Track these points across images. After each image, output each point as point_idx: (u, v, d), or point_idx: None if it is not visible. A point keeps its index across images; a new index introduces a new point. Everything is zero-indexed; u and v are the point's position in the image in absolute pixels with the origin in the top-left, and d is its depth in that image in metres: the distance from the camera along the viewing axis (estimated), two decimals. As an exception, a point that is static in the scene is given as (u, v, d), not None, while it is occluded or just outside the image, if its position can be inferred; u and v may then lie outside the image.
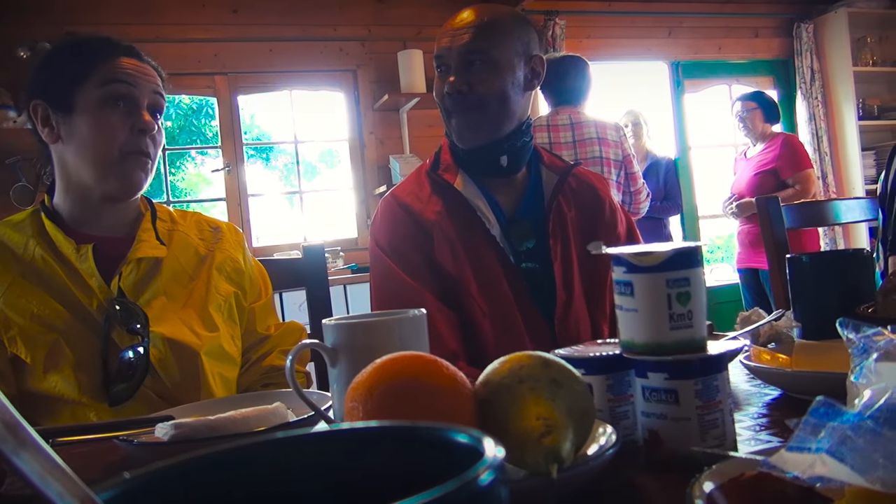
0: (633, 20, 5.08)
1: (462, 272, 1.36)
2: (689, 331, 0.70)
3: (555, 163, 1.53)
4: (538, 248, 1.42)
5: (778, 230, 1.90)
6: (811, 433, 0.42)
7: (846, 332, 0.58)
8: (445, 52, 1.39)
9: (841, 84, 5.30)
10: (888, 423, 0.40)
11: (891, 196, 1.67)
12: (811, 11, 5.43)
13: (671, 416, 0.69)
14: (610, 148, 3.13)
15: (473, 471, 0.21)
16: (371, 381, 0.60)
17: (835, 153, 5.37)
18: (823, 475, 0.41)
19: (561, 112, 3.12)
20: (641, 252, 0.71)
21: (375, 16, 4.51)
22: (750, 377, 1.02)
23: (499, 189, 1.46)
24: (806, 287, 1.20)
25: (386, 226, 1.44)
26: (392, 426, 0.29)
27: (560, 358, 0.67)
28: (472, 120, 1.39)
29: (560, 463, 0.57)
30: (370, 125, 4.49)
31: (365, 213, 4.45)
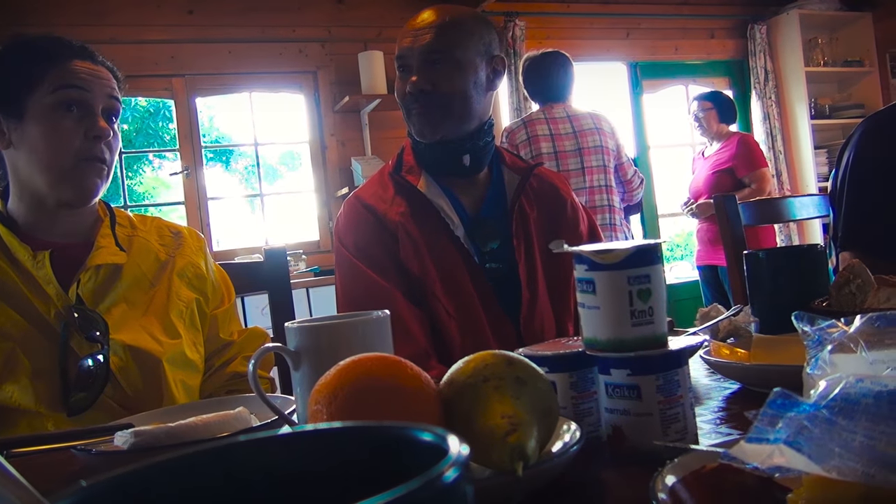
0: (591, 21, 5.14)
1: (427, 273, 1.36)
2: (650, 327, 0.71)
3: (516, 163, 1.54)
4: (502, 248, 1.43)
5: (735, 227, 1.93)
6: (769, 424, 0.42)
7: (802, 326, 0.59)
8: (407, 51, 1.39)
9: (793, 84, 5.43)
10: (843, 413, 0.41)
11: (840, 193, 1.71)
12: (764, 13, 5.55)
13: (634, 412, 0.70)
14: (607, 138, 3.16)
15: (438, 468, 0.21)
16: (335, 383, 0.59)
17: (789, 151, 5.50)
18: (782, 465, 0.42)
19: (555, 106, 3.14)
20: (602, 250, 0.72)
21: (335, 17, 4.49)
22: (710, 372, 1.04)
23: (462, 190, 1.46)
24: (763, 282, 1.22)
25: (351, 227, 1.44)
26: (355, 426, 0.29)
27: (524, 356, 0.68)
28: (433, 116, 1.39)
29: (525, 460, 0.57)
30: (331, 127, 4.47)
31: (327, 216, 4.42)
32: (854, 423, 0.40)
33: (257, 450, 0.29)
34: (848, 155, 1.71)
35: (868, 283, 1.08)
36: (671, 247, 7.27)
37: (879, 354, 0.55)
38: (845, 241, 1.67)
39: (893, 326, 0.56)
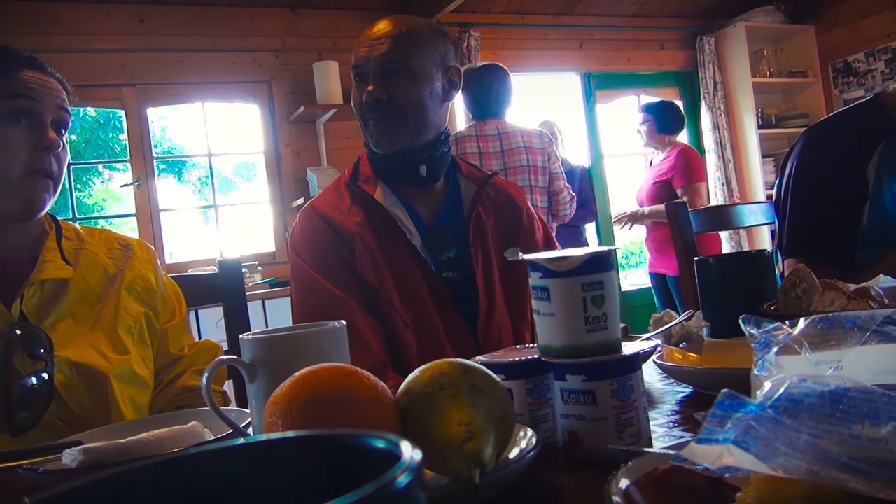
0: (545, 32, 5.20)
1: (384, 283, 1.36)
2: (604, 333, 0.72)
3: (472, 173, 1.55)
4: (459, 257, 1.44)
5: (687, 234, 1.97)
6: (718, 425, 0.43)
7: (748, 329, 0.61)
8: (363, 61, 1.39)
9: (741, 94, 5.57)
10: (787, 412, 0.42)
11: (784, 201, 1.76)
12: (712, 25, 5.70)
13: (589, 417, 0.71)
14: (537, 155, 3.19)
15: (390, 473, 0.21)
16: (290, 395, 0.59)
17: (737, 160, 5.64)
18: (731, 465, 0.43)
19: (488, 122, 3.16)
20: (557, 257, 0.73)
21: (289, 27, 4.46)
22: (663, 376, 1.06)
23: (418, 199, 1.46)
24: (713, 288, 1.25)
25: (307, 237, 1.42)
26: (308, 435, 0.29)
27: (480, 364, 0.68)
28: (389, 126, 1.39)
29: (482, 468, 0.58)
30: (286, 137, 4.43)
31: (283, 227, 4.38)
32: (798, 421, 0.41)
33: (208, 462, 0.29)
34: (791, 164, 1.76)
35: (813, 288, 1.11)
36: (626, 254, 7.37)
37: (823, 355, 0.57)
38: (790, 248, 1.71)
39: (836, 328, 0.58)
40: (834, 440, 0.40)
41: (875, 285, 1.11)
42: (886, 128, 1.67)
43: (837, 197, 1.64)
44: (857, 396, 0.41)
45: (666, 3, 5.49)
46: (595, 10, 5.33)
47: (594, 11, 5.34)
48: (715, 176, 5.58)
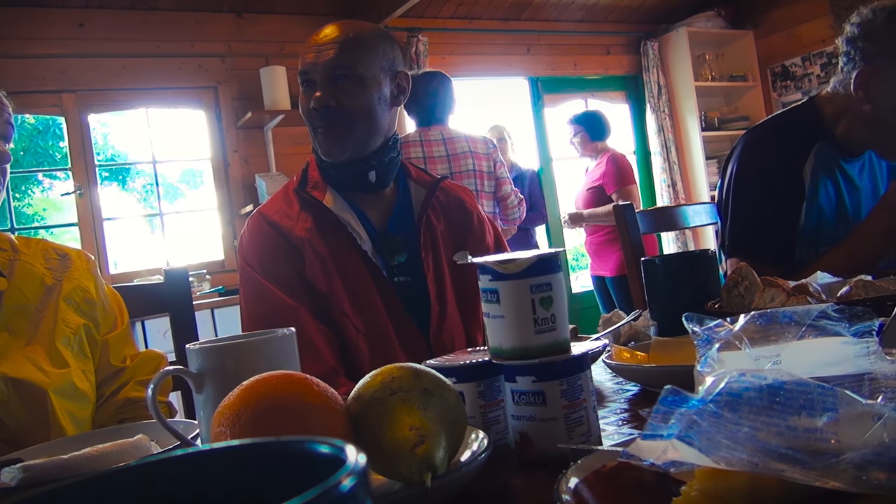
0: (493, 37, 5.25)
1: (334, 289, 1.35)
2: (553, 334, 0.73)
3: (422, 177, 1.55)
4: (410, 262, 1.43)
5: (634, 235, 2.00)
6: (662, 421, 0.44)
7: (691, 326, 0.62)
8: (311, 67, 1.38)
9: (685, 98, 5.70)
10: (728, 406, 0.43)
11: (725, 203, 1.80)
12: (656, 30, 5.82)
13: (539, 417, 0.71)
14: (482, 160, 3.21)
15: (334, 478, 0.21)
16: (239, 404, 0.58)
17: (682, 162, 5.76)
18: (675, 459, 0.44)
19: (432, 128, 3.17)
20: (505, 260, 0.74)
21: (235, 32, 4.41)
22: (613, 375, 1.07)
23: (368, 205, 1.46)
24: (659, 288, 1.27)
25: (255, 244, 1.41)
26: (252, 443, 0.29)
27: (431, 368, 0.68)
28: (338, 134, 1.38)
29: (434, 471, 0.58)
30: (234, 143, 4.37)
31: (231, 234, 4.31)
32: (738, 415, 0.42)
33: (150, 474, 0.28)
34: (732, 166, 1.81)
35: (755, 285, 1.14)
36: (575, 256, 7.46)
37: (762, 350, 0.59)
38: (732, 248, 1.76)
39: (774, 323, 0.60)
40: (772, 432, 0.42)
41: (813, 282, 1.15)
42: (821, 129, 1.73)
43: (776, 197, 1.69)
44: (793, 389, 0.43)
45: (611, 8, 5.59)
46: (542, 15, 5.40)
47: (541, 17, 5.41)
48: (661, 178, 5.70)
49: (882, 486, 0.39)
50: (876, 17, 1.60)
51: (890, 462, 0.40)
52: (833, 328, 0.59)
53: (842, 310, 0.58)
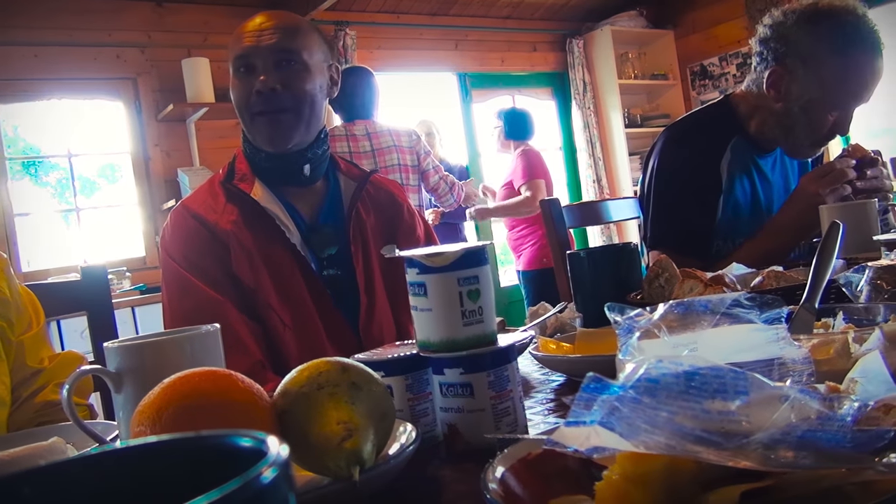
0: (421, 32, 5.24)
1: (261, 283, 1.33)
2: (480, 326, 0.74)
3: (351, 170, 1.54)
4: (340, 255, 1.42)
5: (560, 229, 2.04)
6: (585, 408, 0.45)
7: (613, 316, 0.64)
8: (252, 51, 1.33)
9: (608, 95, 5.84)
10: (647, 392, 0.44)
11: (647, 197, 1.86)
12: (581, 28, 5.93)
13: (467, 409, 0.72)
14: (406, 154, 3.21)
15: (255, 469, 0.21)
16: (160, 402, 0.57)
17: (606, 158, 5.90)
18: (598, 445, 0.45)
19: (357, 123, 3.16)
20: (432, 253, 0.74)
21: (155, 21, 4.27)
22: (539, 366, 1.09)
23: (298, 197, 1.44)
24: (584, 280, 1.30)
25: (179, 238, 1.37)
26: (170, 439, 0.28)
27: (359, 362, 0.68)
28: (284, 122, 1.34)
29: (361, 465, 0.58)
30: (155, 137, 4.24)
31: (153, 230, 4.18)
32: (656, 400, 0.44)
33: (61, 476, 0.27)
34: (653, 161, 1.86)
35: (674, 277, 1.18)
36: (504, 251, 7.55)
37: (680, 338, 0.61)
38: (653, 240, 1.82)
39: (690, 312, 0.62)
40: (688, 415, 0.43)
41: (728, 273, 1.19)
42: (736, 126, 1.80)
43: (695, 191, 1.75)
44: (707, 374, 0.44)
45: (537, 6, 5.66)
46: (469, 11, 5.43)
47: (468, 13, 5.44)
48: (586, 173, 5.82)
49: (789, 464, 0.41)
50: (787, 19, 1.67)
51: (796, 441, 0.42)
52: (745, 316, 0.61)
53: (753, 298, 0.61)
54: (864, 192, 1.59)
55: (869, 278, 0.89)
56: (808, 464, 0.41)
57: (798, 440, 0.42)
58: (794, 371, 0.56)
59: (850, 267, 0.97)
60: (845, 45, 1.59)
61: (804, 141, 1.73)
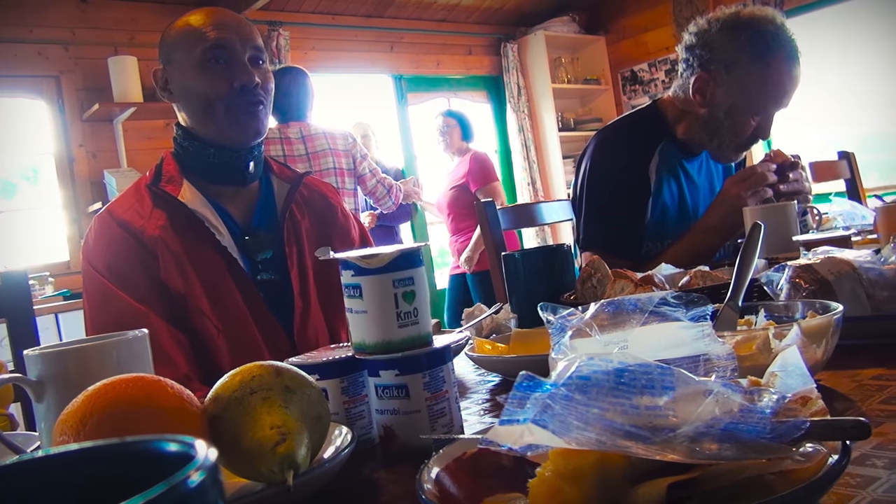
0: (356, 34, 5.22)
1: (191, 289, 1.29)
2: (415, 327, 0.74)
3: (284, 172, 1.52)
4: (275, 258, 1.40)
5: (496, 232, 2.06)
6: (518, 406, 0.46)
7: (546, 315, 0.65)
8: (230, 42, 1.32)
9: (542, 99, 5.92)
10: (578, 389, 0.45)
11: (579, 199, 1.90)
12: (515, 33, 6.00)
13: (403, 410, 0.72)
14: (341, 157, 3.19)
15: (182, 473, 0.20)
16: (83, 410, 0.55)
17: (541, 161, 5.98)
18: (531, 443, 0.46)
19: (292, 126, 3.12)
20: (367, 255, 0.74)
21: (80, 18, 4.12)
22: (475, 367, 1.10)
23: (230, 200, 1.41)
24: (519, 281, 1.32)
25: (102, 246, 1.32)
26: (92, 446, 0.27)
27: (293, 365, 0.67)
28: (260, 116, 1.36)
29: (296, 469, 0.57)
30: (79, 137, 4.09)
31: (77, 234, 4.04)
32: (587, 397, 0.45)
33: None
34: (584, 165, 1.90)
35: (606, 277, 1.21)
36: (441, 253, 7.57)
37: (610, 336, 0.62)
38: (585, 242, 1.85)
39: (621, 311, 0.64)
40: (618, 411, 0.44)
41: (658, 273, 1.23)
42: (664, 130, 1.85)
43: (625, 194, 1.80)
44: (636, 370, 0.45)
45: (472, 9, 5.70)
46: (404, 13, 5.43)
47: (403, 15, 5.44)
48: (521, 176, 5.89)
49: (713, 456, 0.43)
50: (711, 27, 1.73)
51: (720, 433, 0.43)
52: (673, 314, 0.63)
53: (679, 297, 0.63)
54: (787, 195, 1.65)
55: (788, 277, 0.93)
56: (731, 455, 0.43)
57: (721, 432, 0.43)
58: (718, 367, 0.58)
59: (771, 266, 1.01)
60: (765, 52, 1.66)
61: (729, 144, 1.79)
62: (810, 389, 0.49)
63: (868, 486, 0.48)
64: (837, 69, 4.86)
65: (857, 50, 4.86)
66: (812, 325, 0.69)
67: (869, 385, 0.70)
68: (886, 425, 0.58)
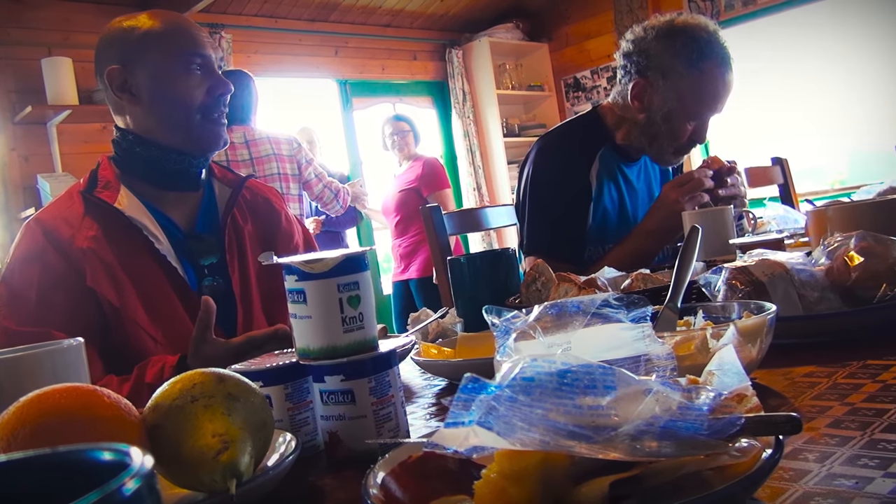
0: (300, 38, 5.17)
1: (126, 299, 1.25)
2: (361, 332, 0.74)
3: (226, 176, 1.50)
4: (220, 264, 1.38)
5: (441, 236, 2.07)
6: (463, 408, 0.46)
7: (491, 318, 0.65)
8: (209, 50, 1.35)
9: (487, 105, 5.97)
10: (522, 391, 0.46)
11: (522, 204, 1.92)
12: (460, 39, 6.04)
13: (349, 416, 0.72)
14: (286, 163, 3.15)
15: (116, 481, 0.20)
16: (14, 422, 0.53)
17: (486, 166, 6.03)
18: (476, 445, 0.46)
19: (234, 130, 3.07)
20: (311, 259, 0.73)
21: (12, 17, 3.98)
22: (421, 372, 1.10)
23: (170, 206, 1.38)
24: (464, 285, 1.32)
25: (23, 258, 1.25)
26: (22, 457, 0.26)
27: (236, 372, 0.66)
28: (225, 125, 1.39)
29: (238, 478, 0.56)
30: (11, 140, 3.94)
31: (9, 240, 3.89)
32: (531, 398, 0.45)
33: None
34: (527, 170, 1.92)
35: (551, 281, 1.22)
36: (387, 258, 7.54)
37: (554, 338, 0.63)
38: (529, 246, 1.87)
39: (564, 312, 0.65)
40: (561, 412, 0.45)
41: (601, 276, 1.25)
42: (604, 136, 1.89)
43: (567, 199, 1.82)
44: (578, 371, 0.46)
45: (416, 15, 5.72)
46: (349, 18, 5.40)
47: (348, 20, 5.41)
48: (467, 181, 5.92)
49: (653, 453, 0.44)
50: (647, 34, 1.77)
51: (659, 431, 0.44)
52: (614, 316, 0.65)
53: (620, 298, 0.64)
54: (723, 199, 1.70)
55: (725, 279, 0.96)
56: (670, 452, 0.44)
57: (661, 430, 0.44)
58: (658, 366, 0.59)
59: (709, 269, 1.04)
60: (700, 58, 1.71)
61: (668, 149, 1.83)
62: (745, 387, 0.51)
63: (800, 479, 0.50)
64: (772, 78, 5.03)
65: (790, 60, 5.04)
66: (747, 325, 0.71)
67: (801, 382, 0.73)
68: (817, 420, 0.60)
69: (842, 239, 0.97)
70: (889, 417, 0.58)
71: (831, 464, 0.51)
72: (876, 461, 0.50)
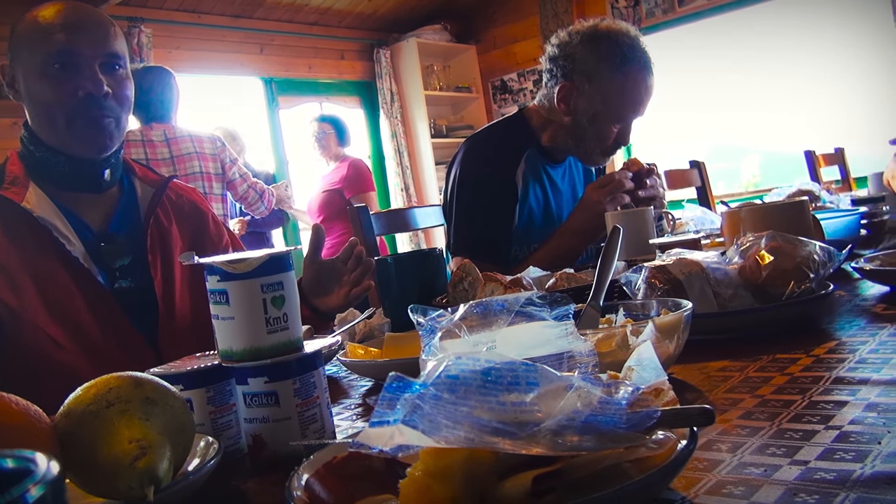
0: (223, 34, 5.05)
1: (25, 302, 1.19)
2: (285, 333, 0.73)
3: (148, 175, 1.45)
4: (135, 265, 1.33)
5: (369, 236, 2.06)
6: (388, 407, 0.46)
7: (416, 317, 0.66)
8: (75, 48, 1.22)
9: (415, 105, 5.97)
10: (447, 388, 0.46)
11: (449, 205, 1.93)
12: (388, 39, 6.02)
13: (273, 418, 0.70)
14: (208, 162, 3.08)
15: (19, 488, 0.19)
16: (-88, 432, 0.50)
17: (414, 167, 6.03)
18: (402, 443, 0.46)
19: (155, 127, 2.98)
20: (234, 259, 0.72)
21: None
22: (348, 372, 1.09)
23: (84, 205, 1.32)
24: (391, 285, 1.32)
25: None
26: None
27: (155, 375, 0.64)
28: (108, 128, 1.27)
29: (156, 484, 0.55)
30: (-90, 135, 3.73)
31: None
32: (456, 396, 0.45)
33: None
34: (454, 171, 1.94)
35: (477, 280, 1.23)
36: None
37: (479, 336, 0.64)
38: (456, 247, 1.88)
39: (489, 311, 0.65)
40: (486, 409, 0.45)
41: (526, 276, 1.27)
42: (530, 138, 1.92)
43: (493, 200, 1.84)
44: (502, 368, 0.47)
45: (344, 14, 5.67)
46: (275, 15, 5.32)
47: (274, 17, 5.33)
48: (394, 182, 5.91)
49: (575, 447, 0.45)
50: (572, 39, 1.81)
51: (580, 426, 0.45)
52: (538, 314, 0.66)
53: (544, 297, 0.65)
54: (643, 200, 1.75)
55: (645, 277, 0.99)
56: (591, 446, 0.45)
57: (582, 425, 0.45)
58: (580, 363, 0.61)
59: (629, 268, 1.07)
60: (622, 62, 1.76)
61: (594, 150, 1.88)
62: (662, 381, 0.53)
63: (714, 468, 0.52)
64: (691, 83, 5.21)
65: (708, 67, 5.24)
66: (664, 322, 0.73)
67: (715, 376, 0.75)
68: (730, 412, 0.63)
69: (753, 239, 1.02)
70: (795, 408, 0.61)
71: (742, 453, 0.53)
72: (783, 450, 0.53)
